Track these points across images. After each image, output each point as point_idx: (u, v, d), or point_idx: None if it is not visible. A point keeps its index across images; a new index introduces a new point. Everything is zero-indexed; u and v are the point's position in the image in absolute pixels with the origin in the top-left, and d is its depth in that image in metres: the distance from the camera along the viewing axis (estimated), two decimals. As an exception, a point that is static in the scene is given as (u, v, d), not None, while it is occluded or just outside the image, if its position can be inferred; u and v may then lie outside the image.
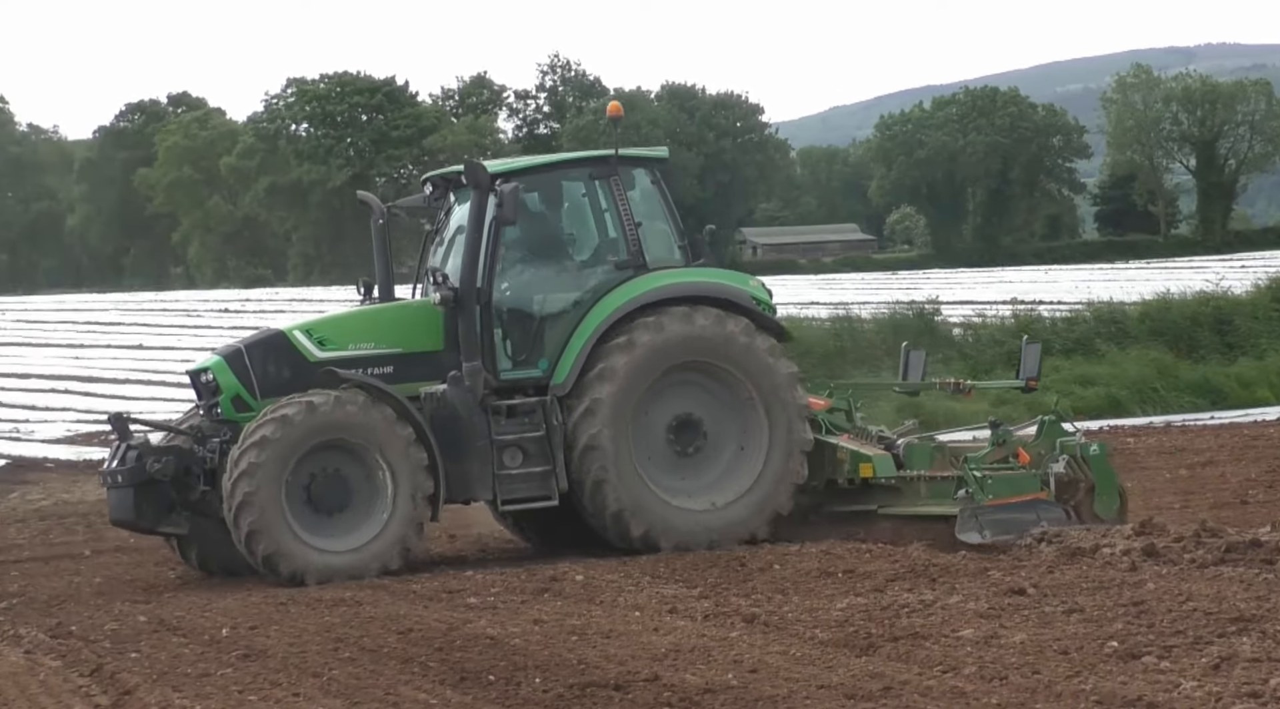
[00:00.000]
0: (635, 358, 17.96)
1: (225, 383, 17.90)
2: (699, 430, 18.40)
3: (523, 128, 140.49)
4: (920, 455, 18.56)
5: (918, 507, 18.11)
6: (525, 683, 11.62)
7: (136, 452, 17.74)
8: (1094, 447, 17.98)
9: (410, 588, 16.44)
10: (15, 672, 13.15)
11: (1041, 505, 17.39)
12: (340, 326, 18.39)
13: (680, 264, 18.62)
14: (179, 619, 15.37)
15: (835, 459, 18.64)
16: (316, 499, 17.38)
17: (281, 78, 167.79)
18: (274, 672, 12.53)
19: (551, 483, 17.88)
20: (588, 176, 18.69)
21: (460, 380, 17.70)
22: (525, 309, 18.27)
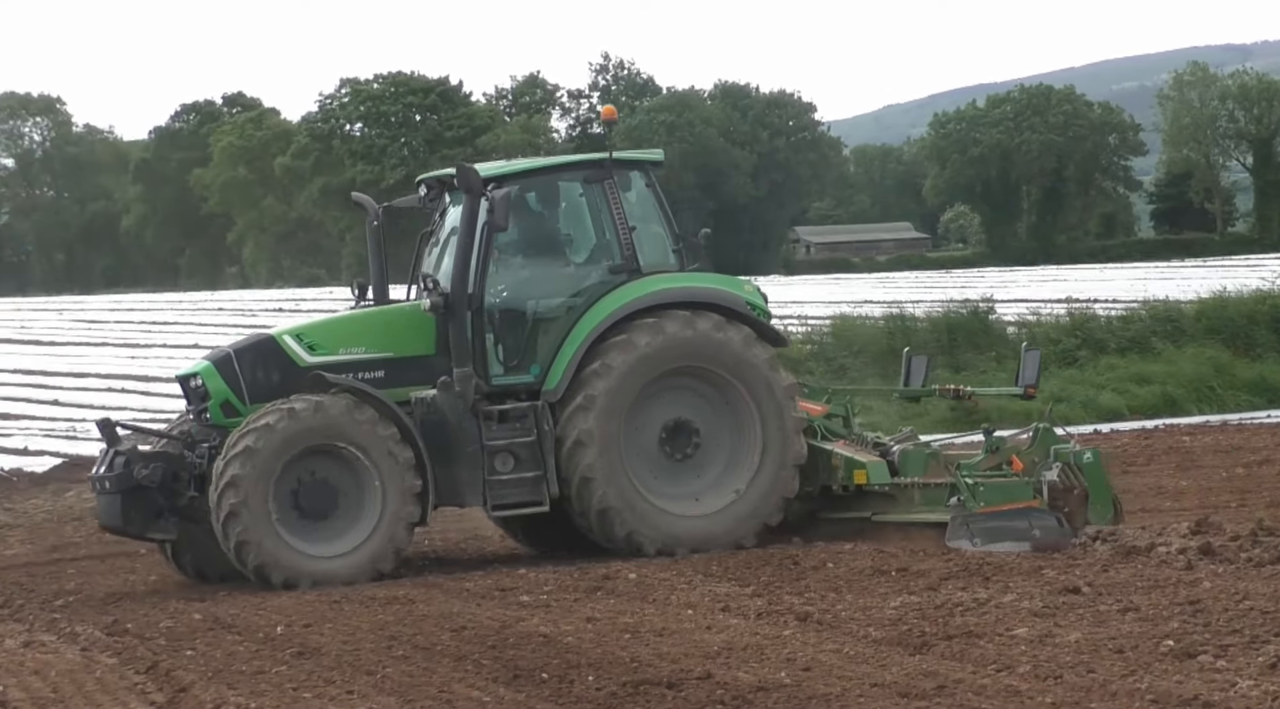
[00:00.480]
0: (632, 357, 17.86)
1: (214, 388, 17.80)
2: (692, 436, 18.27)
3: (575, 127, 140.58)
4: (915, 462, 18.42)
5: (911, 514, 17.96)
6: (578, 681, 11.62)
7: (124, 457, 17.64)
8: (1087, 453, 17.80)
9: (463, 586, 16.47)
10: (72, 669, 13.21)
11: (1034, 513, 17.13)
12: (330, 331, 18.29)
13: (675, 268, 18.50)
14: (234, 617, 15.43)
15: (830, 466, 18.53)
16: (305, 505, 17.29)
17: (335, 78, 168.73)
18: (328, 669, 12.57)
19: (542, 488, 17.75)
20: (582, 180, 18.58)
21: (450, 385, 17.59)
22: (518, 314, 18.14)
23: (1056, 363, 38.86)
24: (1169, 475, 23.32)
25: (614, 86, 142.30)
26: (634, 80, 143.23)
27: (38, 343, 67.90)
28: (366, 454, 17.25)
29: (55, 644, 14.63)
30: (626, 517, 17.80)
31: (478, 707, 11.10)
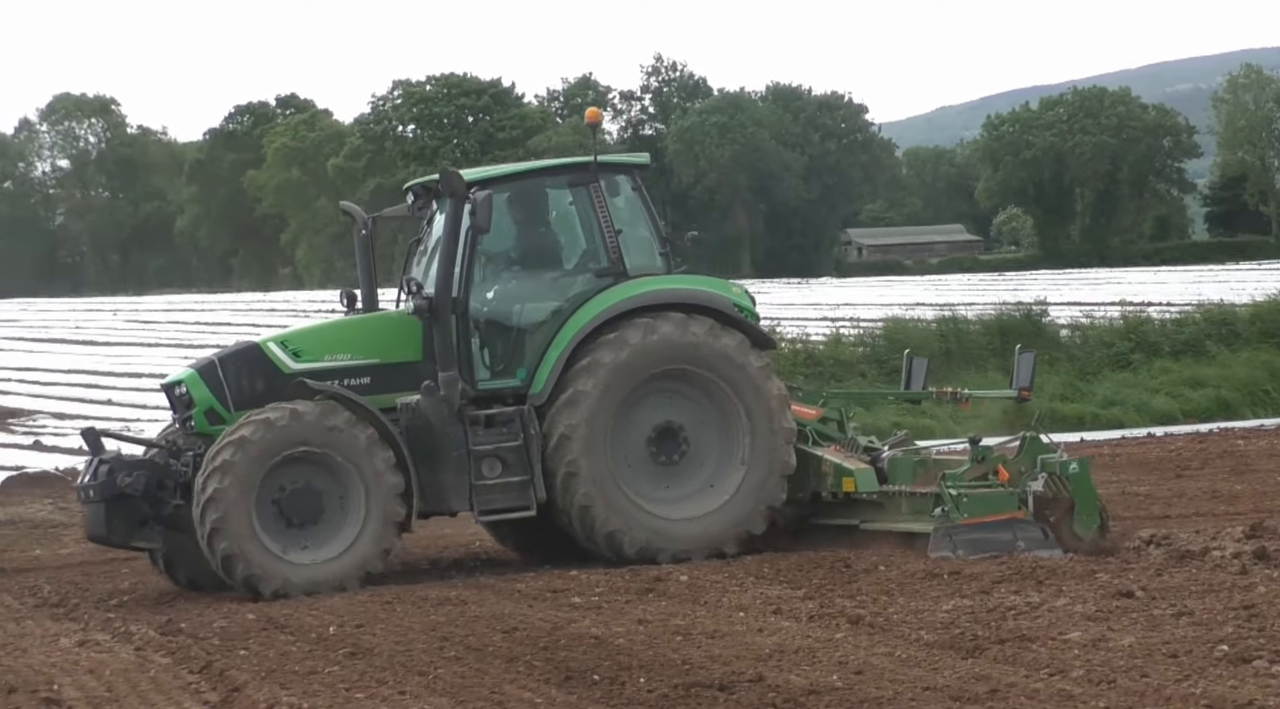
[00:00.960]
0: (623, 355, 17.75)
1: (199, 396, 17.68)
2: (680, 440, 18.16)
3: (627, 129, 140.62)
4: (903, 469, 18.36)
5: (898, 523, 17.86)
6: (630, 683, 11.62)
7: (108, 466, 17.51)
8: (1074, 464, 17.63)
9: (515, 587, 16.49)
10: (126, 668, 13.27)
11: (1018, 525, 17.01)
12: (316, 338, 18.18)
13: (662, 271, 18.39)
14: (286, 617, 15.48)
15: (820, 472, 18.44)
16: (289, 513, 17.14)
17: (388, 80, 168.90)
18: (380, 670, 12.59)
19: (530, 493, 17.63)
20: (567, 184, 18.48)
21: (434, 390, 17.48)
22: (504, 318, 18.04)
23: (1110, 366, 38.76)
24: (1223, 479, 23.20)
25: (665, 88, 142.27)
26: (686, 82, 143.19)
27: (92, 343, 68.30)
28: (348, 460, 17.10)
29: (110, 643, 14.69)
30: (609, 516, 17.69)
31: (529, 707, 11.09)
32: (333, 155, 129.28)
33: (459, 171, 18.12)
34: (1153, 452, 27.80)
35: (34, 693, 12.30)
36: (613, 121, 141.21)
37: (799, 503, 18.60)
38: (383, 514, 17.19)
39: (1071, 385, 37.19)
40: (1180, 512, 19.74)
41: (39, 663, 13.78)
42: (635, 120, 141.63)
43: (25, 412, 45.35)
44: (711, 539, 17.92)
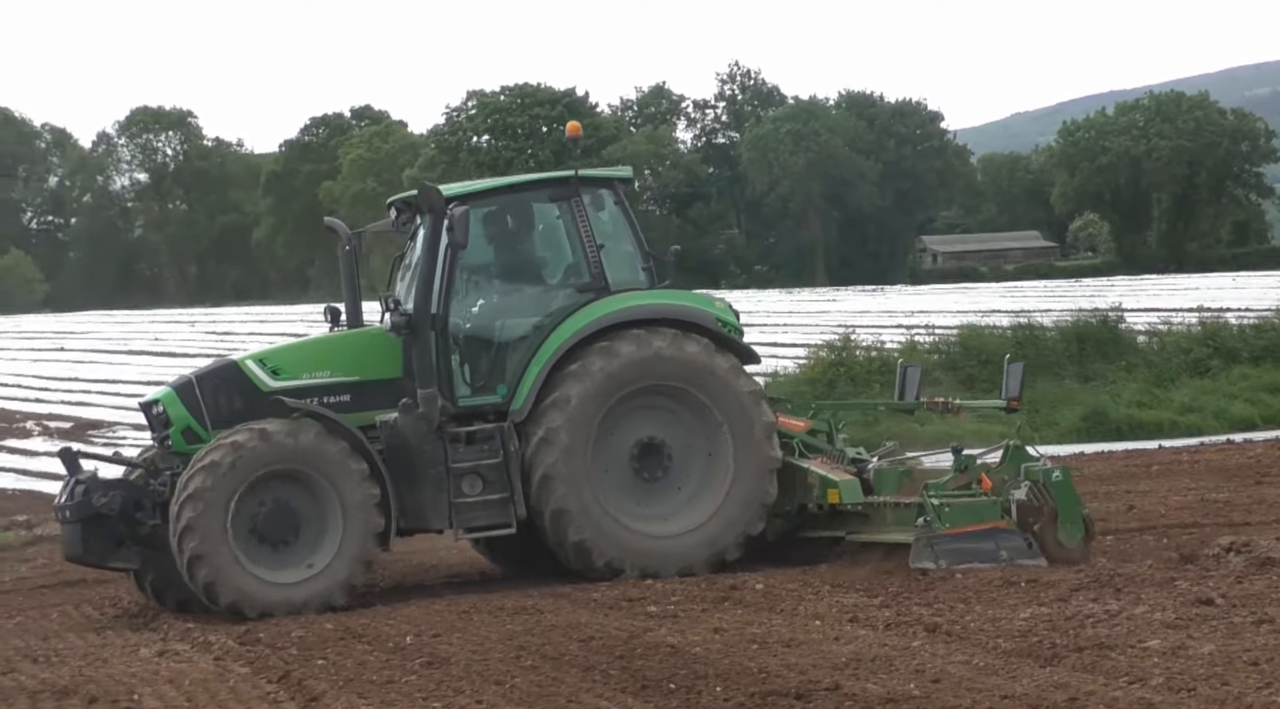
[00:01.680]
0: (589, 386, 17.58)
1: (175, 415, 17.55)
2: (663, 455, 18.02)
3: (701, 137, 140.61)
4: (888, 480, 18.26)
5: (883, 534, 17.73)
6: (706, 691, 11.61)
7: (84, 486, 17.42)
8: (1056, 472, 17.40)
9: (590, 596, 16.49)
10: (205, 678, 13.36)
11: (1001, 534, 16.88)
12: (295, 355, 18.07)
13: (644, 286, 18.26)
14: (364, 626, 15.54)
15: (806, 484, 18.31)
16: (265, 532, 17.00)
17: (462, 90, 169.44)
18: (457, 679, 12.63)
19: (510, 510, 17.48)
20: (548, 198, 18.31)
21: (412, 408, 17.35)
22: (484, 334, 17.90)
23: (1188, 372, 38.49)
24: (1304, 486, 23.01)
25: (740, 96, 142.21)
26: (759, 89, 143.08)
27: (171, 354, 68.70)
28: (330, 482, 16.99)
29: (189, 653, 14.81)
30: (604, 547, 17.56)
31: (606, 717, 11.10)
32: (407, 166, 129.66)
33: (437, 187, 17.98)
34: (1232, 458, 27.59)
35: (115, 702, 12.42)
36: (686, 130, 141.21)
37: (786, 516, 18.49)
38: (361, 531, 17.05)
39: (1148, 392, 36.96)
40: (1260, 518, 19.57)
41: (119, 673, 13.90)
42: (709, 128, 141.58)
43: (105, 423, 45.67)
44: (712, 545, 17.79)
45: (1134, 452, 30.37)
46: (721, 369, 17.94)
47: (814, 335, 53.71)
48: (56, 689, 13.14)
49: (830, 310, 78.16)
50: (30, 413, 49.58)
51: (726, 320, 18.36)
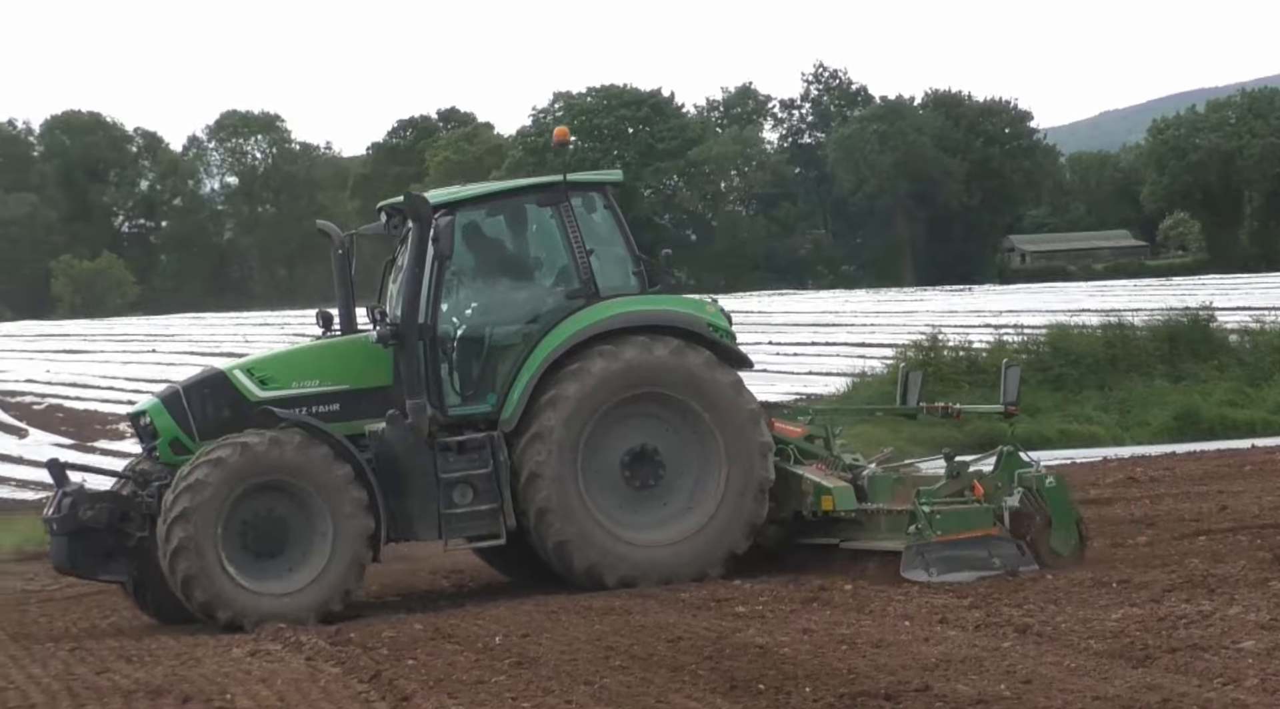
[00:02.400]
0: (586, 386, 17.42)
1: (162, 425, 17.44)
2: (655, 464, 17.83)
3: (787, 138, 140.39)
4: (881, 487, 18.09)
5: (876, 541, 17.57)
6: (795, 692, 11.59)
7: (71, 498, 17.24)
8: (1050, 479, 17.33)
9: (679, 596, 16.50)
10: (297, 678, 13.42)
11: (993, 541, 16.77)
12: (283, 365, 17.90)
13: (635, 291, 18.09)
14: (453, 627, 15.59)
15: (800, 491, 18.12)
16: (254, 544, 16.88)
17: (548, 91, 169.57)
18: (546, 679, 12.64)
19: (499, 520, 17.31)
20: (536, 203, 18.15)
21: (399, 419, 17.18)
22: (473, 342, 17.69)
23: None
24: (1401, 485, 22.78)
25: (825, 96, 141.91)
26: (845, 89, 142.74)
27: (260, 357, 68.94)
28: (320, 493, 16.84)
29: (281, 653, 14.86)
30: (585, 550, 17.40)
31: (695, 717, 11.07)
32: (494, 168, 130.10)
33: (424, 195, 17.86)
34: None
35: (208, 702, 12.48)
36: (772, 130, 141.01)
37: (782, 522, 18.30)
38: (349, 555, 16.95)
39: (1240, 392, 36.68)
40: (1354, 519, 19.38)
41: (212, 672, 13.98)
42: (794, 129, 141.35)
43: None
44: (695, 562, 17.63)
45: (1226, 451, 30.11)
46: (723, 383, 17.76)
47: (901, 335, 53.56)
48: (150, 688, 13.22)
49: (917, 310, 77.88)
50: (122, 415, 49.96)
51: (718, 325, 18.17)
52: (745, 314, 74.97)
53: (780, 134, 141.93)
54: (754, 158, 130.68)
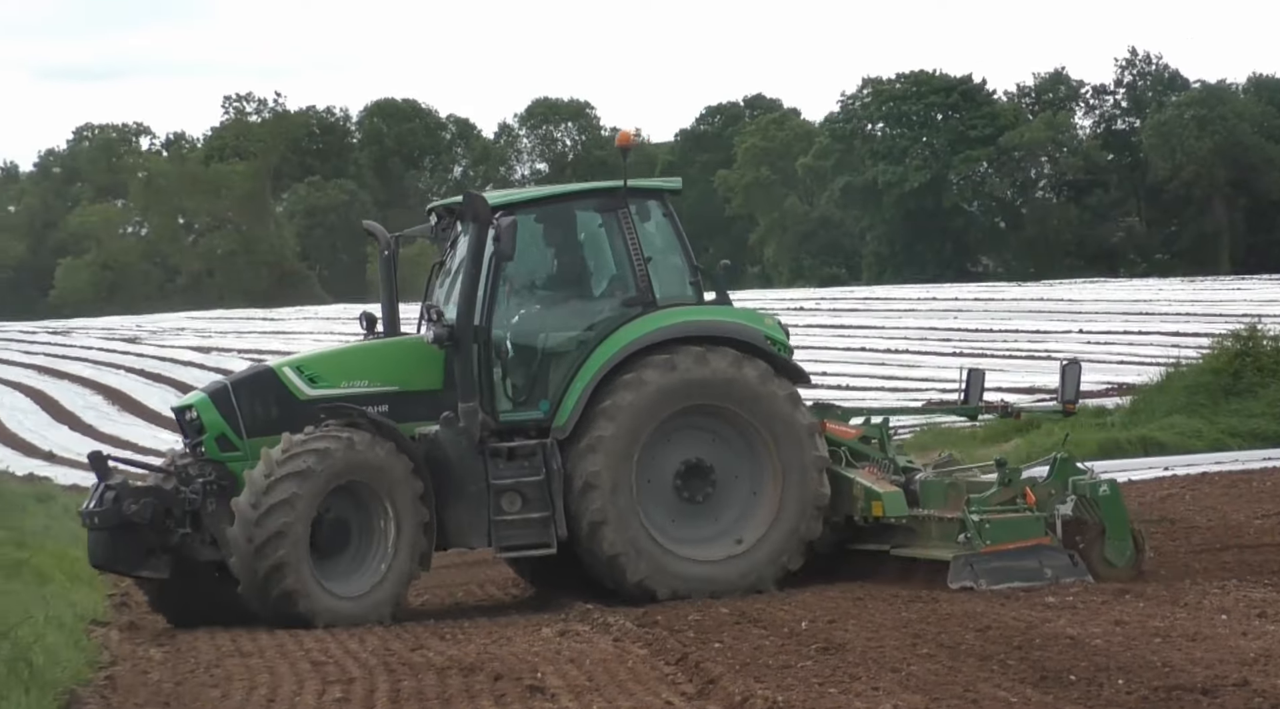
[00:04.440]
0: (642, 396, 17.02)
1: (210, 421, 17.08)
2: (708, 478, 17.42)
3: (1100, 124, 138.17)
4: (934, 493, 17.51)
5: (924, 549, 17.10)
6: (1108, 684, 11.44)
7: (114, 492, 16.81)
8: (1104, 486, 16.75)
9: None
10: (605, 658, 13.58)
11: (1045, 551, 16.33)
12: (333, 363, 17.62)
13: (693, 301, 17.72)
14: (759, 611, 15.65)
15: (852, 495, 17.58)
16: (322, 542, 16.60)
17: (857, 78, 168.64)
18: (852, 665, 12.63)
19: (550, 530, 16.94)
20: (595, 209, 17.82)
21: (454, 421, 16.84)
22: (527, 347, 17.41)
23: None
24: None
25: (1140, 81, 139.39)
26: (1161, 75, 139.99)
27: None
28: (391, 499, 16.61)
29: (589, 634, 15.07)
30: (638, 564, 17.01)
31: (1004, 707, 10.99)
32: (801, 154, 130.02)
33: (483, 195, 17.60)
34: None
35: (518, 680, 12.68)
36: (1085, 116, 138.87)
37: (834, 527, 17.77)
38: (407, 562, 16.74)
39: None
40: None
41: (522, 651, 14.22)
42: (1108, 115, 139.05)
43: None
44: (748, 577, 17.24)
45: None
46: (779, 397, 17.37)
47: (1217, 325, 52.42)
48: (463, 665, 13.48)
49: (1235, 299, 76.15)
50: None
51: (776, 338, 17.80)
52: (1054, 302, 74.11)
53: (1093, 120, 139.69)
54: (1065, 144, 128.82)
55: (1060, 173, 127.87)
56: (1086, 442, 29.78)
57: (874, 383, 47.33)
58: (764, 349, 17.57)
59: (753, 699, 11.28)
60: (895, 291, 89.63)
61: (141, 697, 12.81)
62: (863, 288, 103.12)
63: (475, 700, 12.10)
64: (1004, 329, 63.58)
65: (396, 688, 12.72)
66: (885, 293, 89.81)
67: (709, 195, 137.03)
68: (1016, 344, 58.06)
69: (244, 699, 12.55)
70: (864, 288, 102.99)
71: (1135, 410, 32.63)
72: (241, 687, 13.08)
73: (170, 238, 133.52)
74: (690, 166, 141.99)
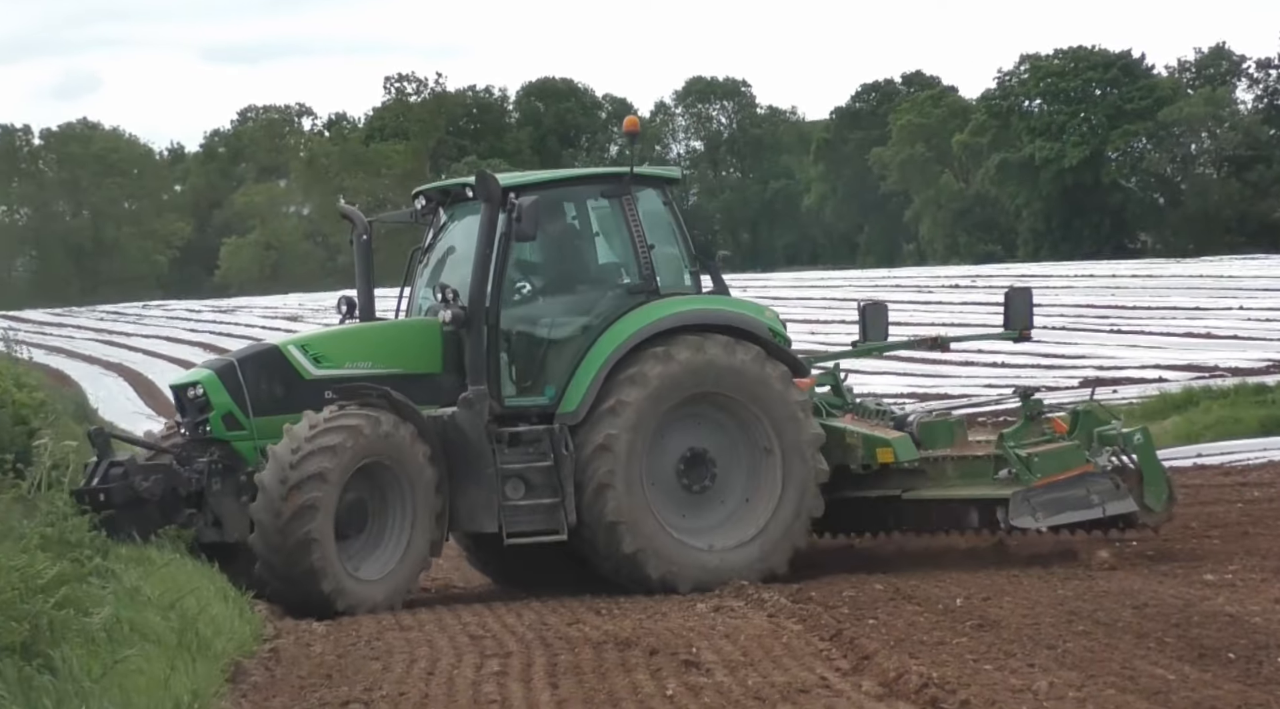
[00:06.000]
0: (646, 392, 16.85)
1: (217, 399, 16.83)
2: (708, 466, 17.28)
3: (1262, 98, 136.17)
4: (942, 433, 17.49)
5: (950, 490, 17.02)
6: (1267, 662, 11.44)
7: (122, 469, 16.58)
8: (1137, 434, 16.86)
9: (1144, 562, 16.32)
10: (760, 634, 13.67)
11: (1090, 478, 16.45)
12: (337, 343, 17.48)
13: (691, 290, 17.58)
14: (914, 588, 15.69)
15: (845, 444, 17.41)
16: (341, 523, 16.30)
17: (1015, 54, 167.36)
18: (1007, 642, 12.66)
19: (560, 516, 16.74)
20: (600, 194, 17.64)
21: (471, 403, 16.70)
22: (531, 332, 17.26)
23: None
24: None
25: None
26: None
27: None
28: (411, 482, 16.43)
29: (743, 610, 15.16)
30: (658, 560, 16.85)
31: (1162, 684, 10.99)
32: (957, 132, 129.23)
33: (495, 176, 17.38)
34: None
35: (674, 655, 12.81)
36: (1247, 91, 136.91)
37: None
38: (423, 548, 16.59)
39: None
40: None
41: (677, 626, 14.35)
42: (1271, 89, 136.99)
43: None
44: (762, 561, 17.11)
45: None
46: (773, 379, 17.22)
47: (1384, 300, 51.64)
48: (619, 640, 13.63)
49: (1404, 275, 74.79)
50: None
51: (776, 330, 17.67)
52: (1214, 279, 73.12)
53: (1255, 94, 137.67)
54: (1226, 119, 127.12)
55: (1220, 148, 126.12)
56: (1247, 418, 29.54)
57: (1030, 359, 46.95)
58: (757, 334, 17.48)
59: (907, 675, 11.32)
60: (1052, 269, 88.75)
61: (305, 669, 13.07)
62: (1019, 265, 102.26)
63: (631, 674, 12.24)
64: (1162, 305, 62.86)
65: (553, 662, 12.88)
66: (1042, 270, 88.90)
67: (864, 173, 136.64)
68: (1175, 321, 57.39)
69: (404, 672, 12.76)
70: (1020, 265, 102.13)
71: (1297, 387, 32.18)
72: (402, 659, 13.31)
73: (331, 217, 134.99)
74: (845, 144, 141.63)
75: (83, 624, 11.51)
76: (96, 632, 11.57)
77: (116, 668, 10.98)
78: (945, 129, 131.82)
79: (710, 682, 11.79)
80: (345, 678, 12.63)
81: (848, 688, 11.40)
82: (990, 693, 10.76)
